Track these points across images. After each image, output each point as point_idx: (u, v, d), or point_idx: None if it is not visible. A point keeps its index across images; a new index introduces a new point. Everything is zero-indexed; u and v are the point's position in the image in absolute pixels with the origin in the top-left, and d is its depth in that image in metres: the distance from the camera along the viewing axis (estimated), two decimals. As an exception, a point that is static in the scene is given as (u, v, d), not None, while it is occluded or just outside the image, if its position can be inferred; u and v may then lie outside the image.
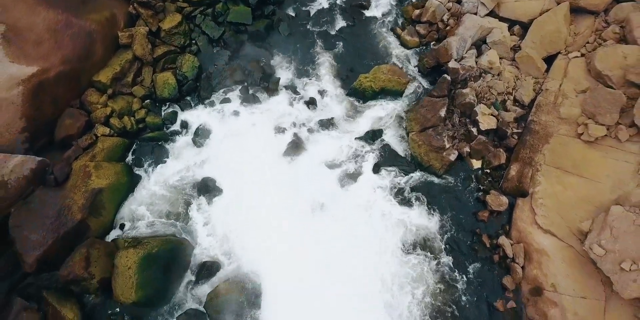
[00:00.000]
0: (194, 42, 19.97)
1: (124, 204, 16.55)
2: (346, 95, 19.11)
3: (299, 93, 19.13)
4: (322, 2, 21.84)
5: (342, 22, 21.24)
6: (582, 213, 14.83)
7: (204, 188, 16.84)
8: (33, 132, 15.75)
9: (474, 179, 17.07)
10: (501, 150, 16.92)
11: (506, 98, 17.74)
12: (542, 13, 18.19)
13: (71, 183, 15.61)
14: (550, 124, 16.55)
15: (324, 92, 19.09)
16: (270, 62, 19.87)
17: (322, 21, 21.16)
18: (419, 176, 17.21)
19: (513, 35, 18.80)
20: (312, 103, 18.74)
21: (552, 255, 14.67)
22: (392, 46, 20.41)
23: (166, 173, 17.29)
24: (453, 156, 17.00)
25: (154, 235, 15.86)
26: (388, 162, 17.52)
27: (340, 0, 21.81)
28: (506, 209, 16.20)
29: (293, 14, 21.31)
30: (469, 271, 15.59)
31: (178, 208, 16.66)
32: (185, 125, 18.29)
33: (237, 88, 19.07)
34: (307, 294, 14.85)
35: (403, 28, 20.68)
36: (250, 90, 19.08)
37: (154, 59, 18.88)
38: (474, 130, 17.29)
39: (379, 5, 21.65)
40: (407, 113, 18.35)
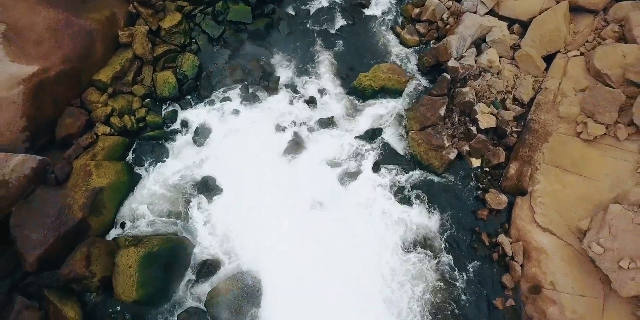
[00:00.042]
0: (194, 41, 19.97)
1: (125, 203, 16.59)
2: (346, 94, 19.12)
3: (299, 92, 19.15)
4: (322, 1, 21.78)
5: (342, 21, 21.22)
6: (581, 211, 14.89)
7: (204, 187, 16.88)
8: (34, 131, 15.77)
9: (474, 178, 17.11)
10: (500, 148, 16.94)
11: (505, 97, 17.75)
12: (542, 12, 18.18)
13: (72, 182, 15.64)
14: (549, 123, 16.59)
15: (324, 91, 19.10)
16: (270, 61, 19.88)
17: (322, 20, 21.14)
18: (419, 175, 17.25)
19: (513, 34, 18.80)
20: (312, 102, 18.77)
21: (551, 253, 14.72)
22: (392, 45, 20.40)
23: (166, 172, 17.31)
24: (452, 155, 17.02)
25: (155, 234, 15.91)
26: (388, 161, 17.56)
27: (340, -2, 21.85)
28: (505, 208, 16.23)
29: (293, 13, 21.29)
30: (469, 269, 15.64)
31: (178, 207, 16.71)
32: (185, 124, 18.31)
33: (237, 87, 19.08)
34: (307, 292, 14.91)
35: (403, 27, 20.66)
36: (250, 89, 19.10)
37: (154, 58, 18.91)
38: (474, 128, 17.32)
39: (379, 3, 21.60)
40: (407, 112, 18.34)
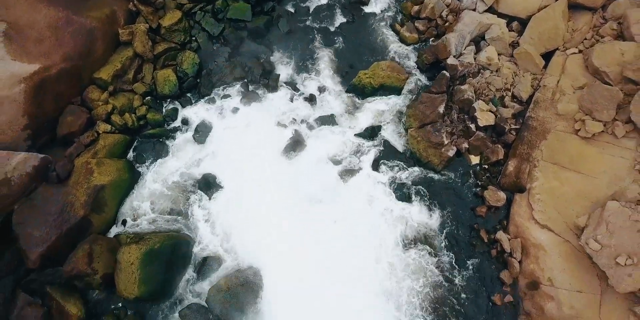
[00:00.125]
0: (194, 39, 20.02)
1: (126, 201, 16.71)
2: (346, 91, 19.18)
3: (299, 89, 19.21)
4: (321, -2, 21.86)
5: (342, 18, 21.25)
6: (579, 208, 14.99)
7: (205, 184, 16.98)
8: (35, 130, 15.88)
9: (472, 175, 17.19)
10: (499, 146, 17.02)
11: (504, 94, 17.81)
12: (541, 9, 18.20)
13: (73, 180, 15.74)
14: (547, 120, 16.66)
15: (324, 89, 19.15)
16: (270, 59, 19.92)
17: (322, 17, 21.16)
18: (418, 172, 17.32)
19: (511, 31, 18.83)
20: (312, 99, 18.84)
21: (549, 250, 14.83)
22: (391, 42, 20.41)
23: (167, 170, 17.41)
24: (451, 152, 17.09)
25: (156, 231, 16.04)
26: (387, 158, 17.64)
27: (339, -4, 21.85)
28: (504, 205, 16.31)
29: (292, 11, 21.32)
30: (467, 266, 15.75)
31: (179, 204, 16.82)
32: (185, 122, 18.39)
33: (237, 84, 19.14)
34: (308, 287, 15.04)
35: (402, 24, 20.68)
36: (250, 86, 19.17)
37: (155, 56, 18.97)
38: (473, 126, 17.39)
39: (378, 1, 21.58)
40: (406, 109, 18.40)
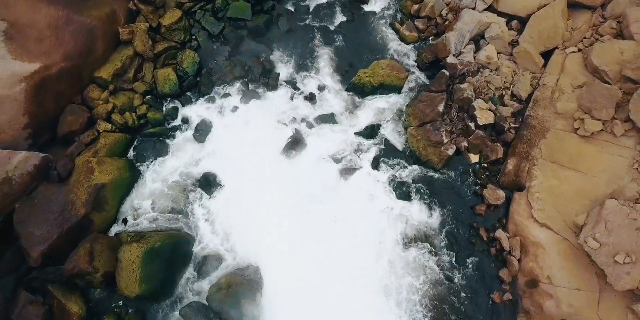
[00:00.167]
0: (194, 38, 20.05)
1: (127, 199, 16.78)
2: (345, 90, 19.21)
3: (299, 88, 19.25)
4: (321, -3, 21.86)
5: (341, 17, 21.27)
6: (578, 207, 15.03)
7: (205, 183, 17.04)
8: (36, 129, 15.93)
9: (472, 173, 17.24)
10: (498, 144, 17.04)
11: (504, 93, 17.84)
12: (540, 8, 18.19)
13: (74, 179, 15.80)
14: (547, 119, 16.69)
15: (324, 88, 19.18)
16: (270, 58, 19.95)
17: (321, 16, 21.20)
18: (418, 170, 17.37)
19: (511, 30, 18.84)
20: (312, 98, 18.88)
21: (548, 248, 14.88)
22: (391, 41, 20.43)
23: (167, 168, 17.47)
24: (451, 151, 17.13)
25: (157, 229, 16.10)
26: (387, 157, 17.69)
27: (339, -6, 21.86)
28: (503, 203, 16.33)
29: (292, 9, 21.34)
30: (467, 264, 15.81)
31: (180, 203, 16.88)
32: (186, 120, 18.44)
33: (237, 83, 19.18)
34: (307, 285, 15.11)
35: (402, 23, 20.69)
36: (250, 85, 19.21)
37: (155, 55, 19.00)
38: (472, 125, 17.43)
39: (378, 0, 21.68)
40: (406, 108, 18.42)
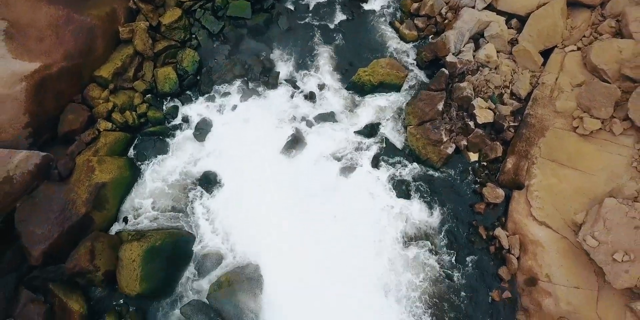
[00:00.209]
0: (194, 37, 20.08)
1: (127, 198, 16.83)
2: (345, 89, 19.26)
3: (299, 87, 19.29)
4: (321, -5, 21.87)
5: (341, 16, 21.30)
6: (577, 205, 15.09)
7: (206, 182, 17.10)
8: (36, 128, 15.95)
9: (471, 172, 17.29)
10: (498, 143, 17.11)
11: (503, 91, 17.89)
12: (540, 6, 18.23)
13: (75, 178, 15.85)
14: (546, 118, 16.73)
15: (324, 86, 19.21)
16: (269, 56, 19.99)
17: (321, 15, 21.23)
18: (417, 169, 17.43)
19: (510, 28, 18.87)
20: (312, 97, 18.91)
21: (547, 246, 14.95)
22: (391, 40, 20.49)
23: (168, 167, 17.52)
24: (450, 149, 17.19)
25: (157, 228, 16.18)
26: (387, 156, 17.74)
27: (338, -7, 21.87)
28: (502, 201, 16.41)
29: (292, 8, 21.37)
30: (466, 262, 15.89)
31: (180, 201, 16.93)
32: (186, 119, 18.48)
33: (237, 82, 19.22)
34: (307, 283, 15.21)
35: (401, 21, 20.72)
36: (250, 84, 19.24)
37: (155, 54, 19.02)
38: (471, 123, 17.48)
39: (378, -2, 21.72)
40: (406, 107, 18.47)
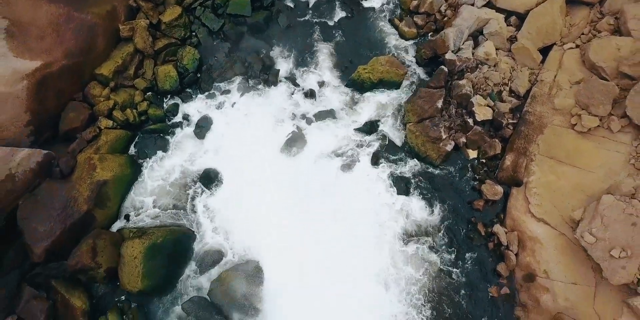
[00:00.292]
0: (194, 34, 20.13)
1: (128, 195, 16.94)
2: (345, 86, 19.29)
3: (299, 85, 19.34)
4: (321, -7, 21.89)
5: (341, 13, 21.31)
6: (575, 202, 15.20)
7: (206, 179, 17.20)
8: (38, 126, 16.03)
9: (470, 169, 17.39)
10: (497, 140, 17.18)
11: (502, 89, 17.95)
12: (539, 4, 18.24)
13: (76, 175, 15.94)
14: (544, 115, 16.81)
15: (323, 84, 19.27)
16: (269, 54, 20.03)
17: (321, 12, 21.23)
18: (417, 166, 17.53)
19: (510, 26, 18.88)
20: (312, 95, 18.97)
21: (545, 242, 15.08)
22: (390, 37, 20.52)
23: (168, 164, 17.62)
24: (449, 146, 17.27)
25: (159, 225, 16.28)
26: (386, 153, 17.83)
27: (338, -10, 21.88)
28: (501, 198, 16.53)
29: (292, 5, 21.36)
30: (465, 258, 16.01)
31: (181, 199, 17.04)
32: (186, 117, 18.56)
33: (237, 80, 19.27)
34: (307, 279, 15.37)
35: (401, 19, 20.72)
36: (250, 82, 19.30)
37: (155, 52, 19.07)
38: (470, 121, 17.54)
39: (378, -5, 21.72)
40: (405, 104, 18.53)
